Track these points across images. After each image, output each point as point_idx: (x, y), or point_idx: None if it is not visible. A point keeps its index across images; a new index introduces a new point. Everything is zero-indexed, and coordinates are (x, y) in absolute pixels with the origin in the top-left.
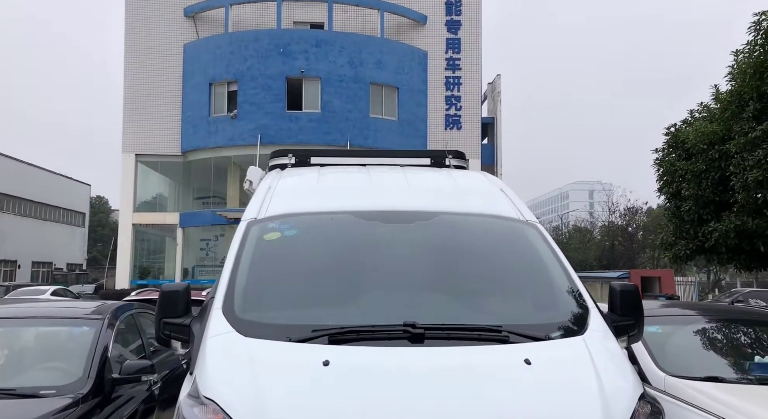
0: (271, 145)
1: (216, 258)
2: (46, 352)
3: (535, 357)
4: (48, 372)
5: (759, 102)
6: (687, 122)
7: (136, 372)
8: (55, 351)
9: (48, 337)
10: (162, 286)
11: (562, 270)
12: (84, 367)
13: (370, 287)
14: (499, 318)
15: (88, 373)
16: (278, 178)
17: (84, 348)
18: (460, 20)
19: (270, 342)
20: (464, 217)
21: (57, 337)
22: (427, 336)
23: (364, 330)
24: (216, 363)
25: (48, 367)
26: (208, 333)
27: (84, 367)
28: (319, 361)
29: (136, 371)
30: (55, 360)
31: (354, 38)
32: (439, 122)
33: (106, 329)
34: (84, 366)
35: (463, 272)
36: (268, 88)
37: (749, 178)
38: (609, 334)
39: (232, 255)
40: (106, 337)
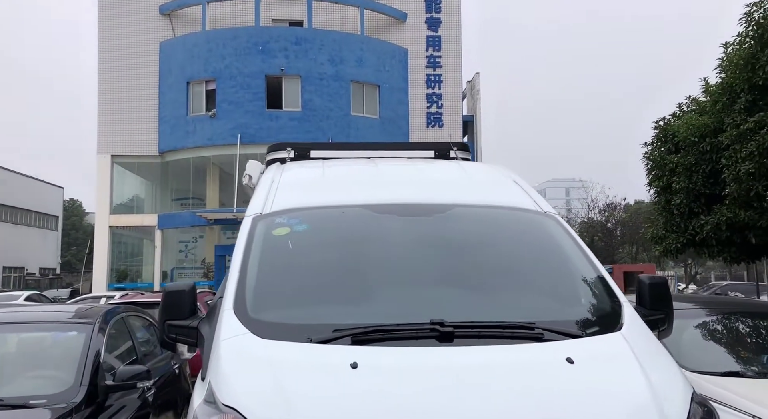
0: (251, 144)
1: (195, 260)
2: (33, 359)
3: (577, 356)
4: (37, 380)
5: (750, 93)
6: (676, 115)
7: (130, 379)
8: (43, 357)
9: (35, 343)
10: (165, 286)
11: (588, 263)
12: (75, 374)
13: (390, 283)
14: (530, 315)
15: (80, 381)
16: (280, 171)
17: (74, 355)
18: (440, 18)
19: (290, 344)
20: (482, 209)
21: (44, 343)
22: (457, 335)
23: (389, 329)
24: (233, 368)
25: (36, 375)
26: (220, 336)
27: (75, 374)
28: (347, 363)
29: (131, 377)
30: (43, 368)
31: (334, 36)
32: (420, 120)
33: (97, 333)
34: (75, 374)
35: (487, 267)
36: (247, 86)
37: (741, 170)
38: (646, 330)
39: (239, 252)
40: (98, 342)
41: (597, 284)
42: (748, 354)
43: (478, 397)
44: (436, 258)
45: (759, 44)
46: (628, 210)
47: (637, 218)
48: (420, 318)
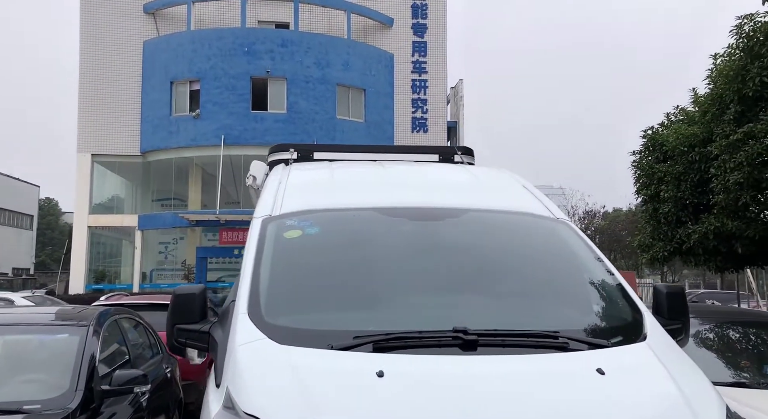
0: (235, 145)
1: (176, 261)
2: (24, 363)
3: (607, 367)
4: (30, 384)
5: (740, 104)
6: (664, 125)
7: (127, 383)
8: (35, 361)
9: (26, 346)
10: (175, 289)
11: (605, 271)
12: (71, 379)
13: (409, 289)
14: (552, 323)
15: (76, 385)
16: (287, 172)
17: (68, 358)
18: (426, 24)
19: (311, 351)
20: (495, 214)
21: (36, 346)
22: (481, 343)
23: (412, 336)
24: (254, 375)
25: (29, 379)
26: (236, 341)
27: (71, 379)
28: (372, 372)
29: (128, 381)
30: (35, 372)
31: (320, 39)
32: (405, 125)
33: (92, 336)
34: (71, 378)
35: (506, 273)
36: (232, 87)
37: (730, 180)
38: (670, 340)
39: (250, 255)
40: (92, 345)
41: (616, 292)
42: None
43: (513, 409)
44: (454, 263)
45: (749, 56)
46: (606, 217)
47: (615, 226)
48: (441, 326)
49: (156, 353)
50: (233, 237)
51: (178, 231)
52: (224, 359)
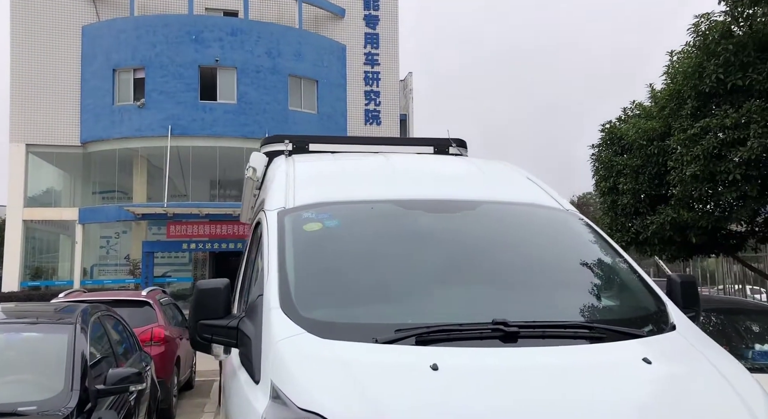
0: (183, 136)
1: (118, 256)
2: (13, 362)
3: (651, 356)
4: (21, 385)
5: (696, 100)
6: (621, 119)
7: (121, 382)
8: (24, 360)
9: (12, 345)
10: (198, 283)
11: (623, 261)
12: (64, 378)
13: (441, 281)
14: (585, 314)
15: (71, 385)
16: (292, 164)
17: (60, 356)
18: (378, 15)
19: (356, 345)
20: (507, 206)
21: (23, 345)
22: (521, 335)
23: (454, 329)
24: (304, 370)
25: (20, 380)
26: (273, 336)
27: (64, 378)
28: (426, 365)
29: (122, 380)
30: (26, 372)
31: (271, 28)
32: (358, 117)
33: (80, 333)
34: (64, 377)
35: (531, 265)
36: (180, 76)
37: (687, 173)
38: (696, 327)
39: (273, 248)
40: (82, 343)
41: (637, 282)
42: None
43: (574, 400)
44: (481, 256)
45: (705, 54)
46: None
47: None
48: (480, 318)
49: (134, 350)
50: (181, 230)
51: (121, 225)
52: (259, 355)
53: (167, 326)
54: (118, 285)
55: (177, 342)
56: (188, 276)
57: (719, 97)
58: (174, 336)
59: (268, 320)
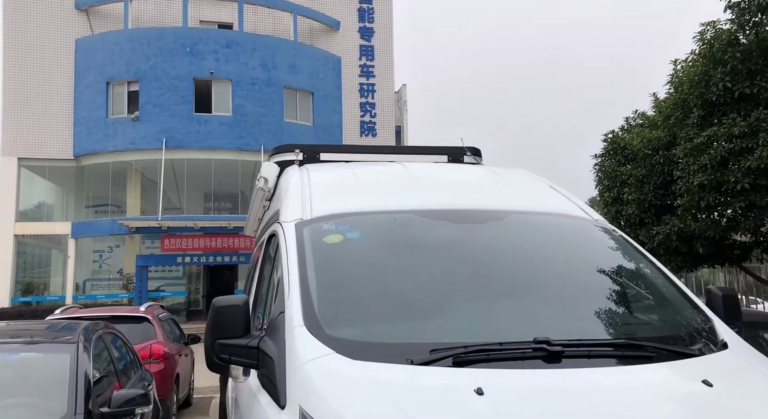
0: (178, 149)
1: (111, 270)
2: (14, 383)
3: (710, 377)
4: (22, 409)
5: (703, 109)
6: (624, 129)
7: (126, 404)
8: (24, 382)
9: (12, 366)
10: (214, 301)
11: (663, 275)
12: (67, 401)
13: (474, 297)
14: (631, 332)
15: (74, 408)
16: (306, 174)
17: (62, 377)
18: (373, 28)
19: (390, 366)
20: (535, 216)
21: (23, 366)
22: (566, 355)
23: (492, 349)
24: (338, 395)
25: (20, 403)
26: (299, 357)
27: (67, 401)
28: (470, 389)
29: (127, 402)
30: (27, 394)
31: (266, 40)
32: (354, 129)
33: (83, 352)
34: (67, 400)
35: (568, 279)
36: (174, 88)
37: (694, 182)
38: (747, 345)
39: (292, 262)
40: (84, 363)
41: (681, 297)
42: None
43: None
44: (513, 269)
45: (711, 62)
46: None
47: None
48: (518, 336)
49: (135, 369)
50: (176, 244)
51: (113, 239)
52: (284, 377)
53: (166, 342)
54: (111, 300)
55: (176, 359)
56: (182, 290)
57: (726, 106)
58: (173, 352)
59: (292, 339)
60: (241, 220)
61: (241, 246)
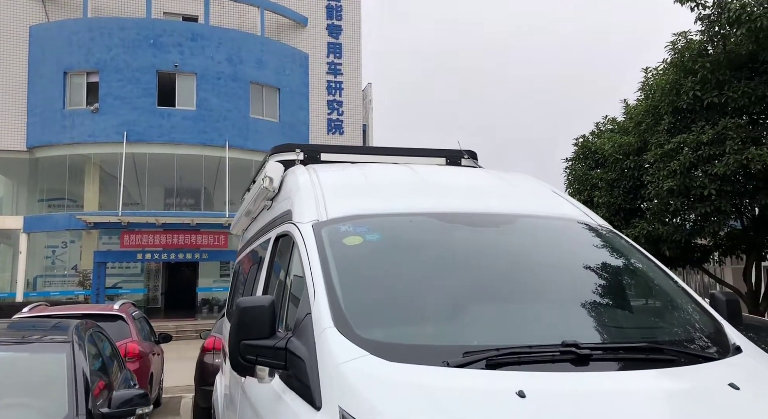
0: (139, 143)
1: (65, 266)
2: (11, 384)
3: (736, 381)
4: (20, 410)
5: (673, 116)
6: (594, 134)
7: (126, 404)
8: (21, 382)
9: (8, 365)
10: (239, 301)
11: (672, 280)
12: (67, 402)
13: (498, 300)
14: (652, 336)
15: (76, 409)
16: (315, 174)
17: (59, 377)
18: (341, 25)
19: (429, 368)
20: (544, 221)
21: (18, 365)
22: (593, 358)
23: (523, 351)
24: (381, 396)
25: (20, 404)
26: (335, 358)
27: (67, 402)
28: (512, 392)
29: (127, 402)
30: (24, 395)
31: (232, 34)
32: (321, 126)
33: (78, 351)
34: (67, 401)
35: (586, 283)
36: (136, 81)
37: (664, 187)
38: (759, 349)
39: (315, 263)
40: (81, 362)
41: (692, 302)
42: None
43: None
44: (535, 272)
45: (682, 71)
46: None
47: None
48: (546, 339)
49: (122, 368)
50: (136, 240)
51: (69, 234)
52: (317, 378)
53: (141, 341)
54: (66, 298)
55: (150, 358)
56: (141, 287)
57: (695, 114)
58: (147, 351)
59: (324, 340)
60: (206, 217)
61: (203, 243)
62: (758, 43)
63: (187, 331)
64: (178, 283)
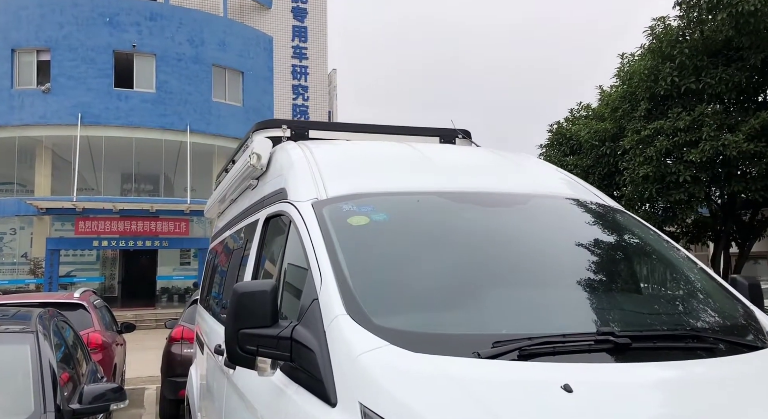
0: (94, 125)
1: (14, 254)
2: None
3: None
4: None
5: (650, 102)
6: (569, 120)
7: (99, 400)
8: None
9: None
10: (236, 286)
11: (695, 264)
12: (33, 397)
13: (520, 286)
14: (688, 324)
15: (43, 405)
16: (308, 150)
17: (23, 371)
18: (306, 8)
19: (459, 360)
20: (556, 201)
21: None
22: (632, 348)
23: (557, 341)
24: (410, 390)
25: None
26: (350, 349)
27: (33, 397)
28: (556, 385)
29: (99, 397)
30: None
31: (194, 15)
32: (286, 111)
33: (44, 342)
34: (33, 396)
35: (611, 268)
36: (91, 60)
37: (639, 173)
38: None
39: (318, 244)
40: (47, 354)
41: (719, 288)
42: None
43: None
44: (557, 255)
45: (660, 57)
46: None
47: None
48: (577, 327)
49: (88, 360)
50: (92, 227)
51: (18, 221)
52: (329, 370)
53: (103, 331)
54: (16, 287)
55: (113, 349)
56: (96, 275)
57: (672, 100)
58: (110, 341)
59: (336, 329)
60: (166, 203)
61: (163, 230)
62: (737, 28)
63: (146, 321)
64: (136, 271)
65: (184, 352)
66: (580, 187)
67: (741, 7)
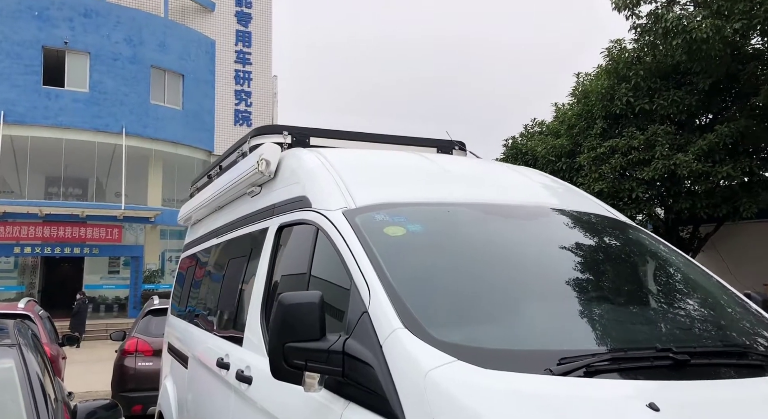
0: (20, 124)
1: None
2: None
3: None
4: None
5: (605, 121)
6: (523, 135)
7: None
8: None
9: None
10: (282, 297)
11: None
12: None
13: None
14: (737, 340)
15: None
16: (323, 157)
17: (11, 388)
18: (251, 13)
19: (534, 378)
20: (576, 215)
21: None
22: (692, 364)
23: (621, 357)
24: (495, 411)
25: None
26: (418, 365)
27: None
28: (641, 404)
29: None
30: None
31: (132, 14)
32: (227, 117)
33: (29, 355)
34: (26, 415)
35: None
36: (17, 56)
37: (595, 189)
38: None
39: (360, 254)
40: (33, 368)
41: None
42: None
43: None
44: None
45: (616, 78)
46: None
47: None
48: (633, 343)
49: (53, 373)
50: (13, 232)
51: None
52: (392, 387)
53: (50, 343)
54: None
55: (60, 362)
56: (15, 284)
57: (626, 119)
58: (56, 354)
59: (396, 344)
60: (99, 209)
61: (93, 236)
62: (690, 54)
63: None
64: (58, 280)
65: (139, 366)
66: (593, 202)
67: (695, 34)
